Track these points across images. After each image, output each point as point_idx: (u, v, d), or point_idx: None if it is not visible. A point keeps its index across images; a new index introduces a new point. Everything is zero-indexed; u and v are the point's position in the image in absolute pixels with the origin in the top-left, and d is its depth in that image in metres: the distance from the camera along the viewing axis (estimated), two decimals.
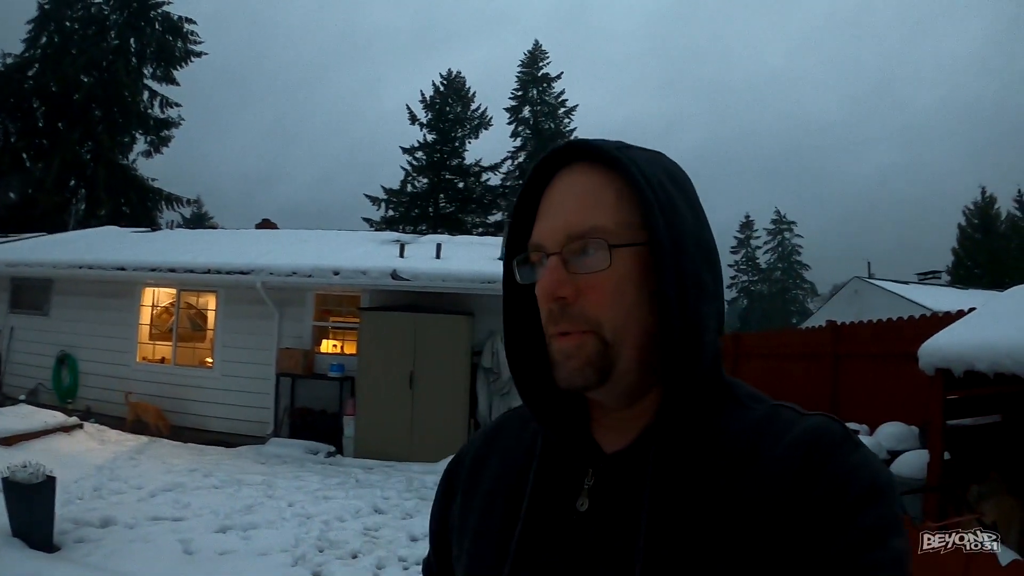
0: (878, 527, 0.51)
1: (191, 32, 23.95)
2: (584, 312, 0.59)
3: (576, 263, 0.59)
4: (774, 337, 9.76)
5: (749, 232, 48.00)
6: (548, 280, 0.59)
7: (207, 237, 12.59)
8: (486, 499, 0.68)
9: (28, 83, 21.88)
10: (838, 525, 0.51)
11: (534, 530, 0.62)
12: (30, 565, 3.87)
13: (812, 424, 0.58)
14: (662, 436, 0.60)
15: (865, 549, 0.50)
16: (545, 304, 0.61)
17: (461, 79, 30.82)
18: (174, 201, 23.89)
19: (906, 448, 5.05)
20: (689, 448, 0.59)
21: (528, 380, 0.68)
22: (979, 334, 4.00)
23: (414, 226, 27.30)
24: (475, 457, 0.74)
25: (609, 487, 0.61)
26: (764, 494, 0.54)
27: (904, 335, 6.06)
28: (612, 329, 0.59)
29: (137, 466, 6.63)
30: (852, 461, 0.54)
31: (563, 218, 0.60)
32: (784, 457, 0.55)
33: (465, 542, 0.68)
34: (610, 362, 0.59)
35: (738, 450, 0.57)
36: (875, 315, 7.74)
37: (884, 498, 0.53)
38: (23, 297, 10.30)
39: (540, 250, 0.62)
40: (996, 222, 32.53)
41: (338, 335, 9.32)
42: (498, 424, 0.77)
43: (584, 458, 0.64)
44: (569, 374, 0.60)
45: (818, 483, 0.53)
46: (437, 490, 0.78)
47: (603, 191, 0.60)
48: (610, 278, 0.59)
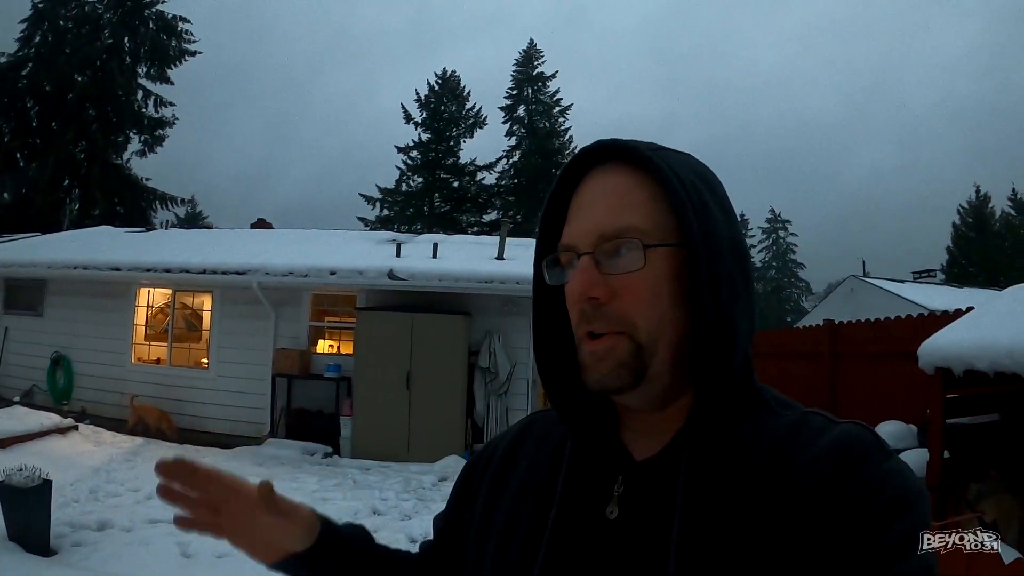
0: (909, 536, 0.51)
1: (185, 31, 23.84)
2: (618, 313, 0.58)
3: (609, 263, 0.59)
4: (771, 336, 9.78)
5: (744, 231, 47.71)
6: (581, 280, 0.59)
7: (202, 237, 12.52)
8: (514, 502, 0.67)
9: (22, 82, 21.74)
10: (870, 532, 0.50)
11: (563, 537, 0.61)
12: (26, 570, 3.85)
13: (844, 431, 0.57)
14: (694, 442, 0.59)
15: (896, 558, 0.49)
16: (576, 305, 0.60)
17: (456, 78, 30.80)
18: (168, 201, 23.79)
19: (905, 447, 5.06)
20: (721, 454, 0.58)
21: (557, 383, 0.67)
22: (979, 333, 4.01)
23: (409, 225, 27.26)
24: (503, 457, 0.72)
25: (639, 495, 0.60)
26: (796, 500, 0.53)
27: (902, 334, 6.08)
28: (646, 330, 0.58)
29: (133, 468, 6.59)
30: (884, 469, 0.54)
31: (595, 218, 0.60)
32: (816, 464, 0.54)
33: (489, 545, 0.66)
34: (643, 364, 0.58)
35: (770, 456, 0.57)
36: (870, 314, 7.76)
37: (916, 507, 0.52)
38: (17, 298, 10.23)
39: (571, 251, 0.61)
40: (991, 221, 32.74)
41: (335, 335, 9.29)
42: (526, 425, 0.76)
43: (614, 464, 0.63)
44: (601, 376, 0.59)
45: (850, 490, 0.52)
46: (456, 484, 0.77)
47: (636, 191, 0.60)
48: (644, 279, 0.58)
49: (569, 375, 0.65)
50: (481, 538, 0.68)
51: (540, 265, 0.65)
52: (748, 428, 0.59)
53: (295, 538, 0.69)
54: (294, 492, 5.93)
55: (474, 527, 0.70)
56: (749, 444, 0.58)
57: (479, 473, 0.74)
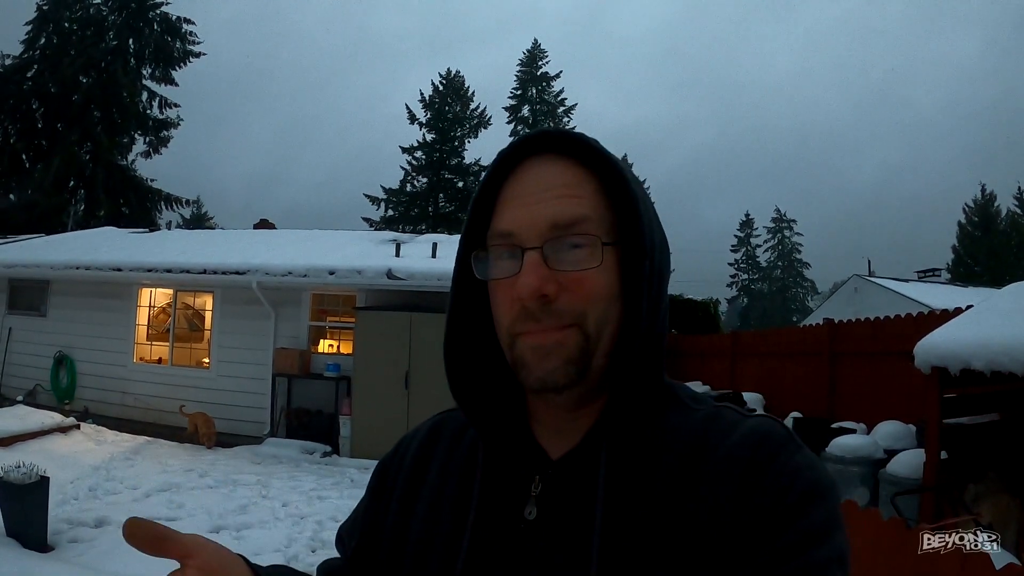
0: (823, 525, 0.51)
1: (189, 32, 23.96)
2: (567, 308, 0.56)
3: (559, 258, 0.56)
4: (772, 335, 9.74)
5: (749, 230, 47.96)
6: (534, 277, 0.56)
7: (204, 237, 12.57)
8: (429, 508, 0.65)
9: (27, 84, 21.90)
10: (785, 522, 0.51)
11: (482, 541, 0.59)
12: (23, 565, 3.86)
13: (756, 424, 0.57)
14: (612, 437, 0.58)
15: (811, 546, 0.50)
16: (519, 301, 0.57)
17: (460, 78, 30.81)
18: (173, 202, 23.89)
19: (903, 447, 5.03)
20: (638, 449, 0.58)
21: (462, 383, 0.64)
22: (976, 332, 3.98)
23: (413, 226, 27.27)
24: (415, 458, 0.70)
25: (557, 493, 0.59)
26: (713, 492, 0.53)
27: (900, 333, 6.03)
28: (595, 323, 0.57)
29: (133, 466, 6.62)
30: (796, 461, 0.54)
31: (542, 210, 0.57)
32: (731, 456, 0.55)
33: (407, 552, 0.64)
34: (589, 359, 0.57)
35: (685, 450, 0.56)
36: (875, 313, 7.71)
37: (828, 497, 0.53)
38: (21, 298, 10.30)
39: (510, 239, 0.58)
40: (996, 220, 32.55)
41: (334, 335, 9.31)
42: (436, 424, 0.73)
43: (529, 464, 0.62)
44: (546, 373, 0.57)
45: (766, 480, 0.53)
46: (370, 487, 0.73)
47: (584, 185, 0.59)
48: (596, 275, 0.57)
49: (474, 374, 0.64)
50: (396, 546, 0.65)
51: (467, 258, 0.62)
52: (662, 422, 0.59)
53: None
54: (291, 491, 5.97)
55: (387, 535, 0.67)
56: (664, 438, 0.58)
57: (392, 475, 0.71)
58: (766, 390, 8.46)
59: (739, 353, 9.82)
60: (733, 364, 9.82)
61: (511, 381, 0.63)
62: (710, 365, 10.93)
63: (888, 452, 4.99)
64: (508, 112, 31.60)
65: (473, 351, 0.65)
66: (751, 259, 47.69)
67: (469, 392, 0.64)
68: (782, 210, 47.96)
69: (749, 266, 47.60)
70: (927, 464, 4.27)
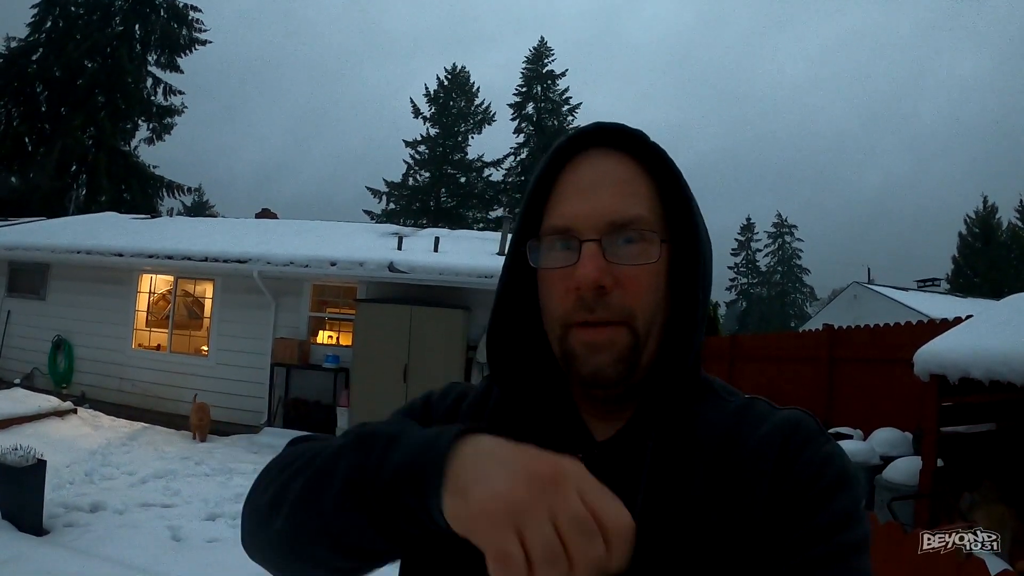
0: (848, 511, 0.55)
1: (196, 20, 23.90)
2: (620, 303, 0.58)
3: (616, 252, 0.58)
4: (771, 340, 9.74)
5: (750, 235, 47.99)
6: (591, 267, 0.57)
7: (206, 225, 12.55)
8: None
9: (31, 68, 21.86)
10: (815, 507, 0.54)
11: None
12: (18, 547, 3.87)
13: (788, 415, 0.61)
14: (657, 423, 0.61)
15: (838, 529, 0.53)
16: (578, 292, 0.57)
17: (465, 74, 30.80)
18: (175, 189, 23.88)
19: (899, 454, 5.04)
20: (680, 435, 0.60)
21: (506, 368, 0.66)
22: (975, 341, 3.99)
23: (415, 220, 27.28)
24: (465, 415, 0.68)
25: (601, 474, 0.60)
26: (747, 478, 0.56)
27: (900, 340, 6.04)
28: (644, 322, 0.59)
29: (129, 452, 6.63)
30: (826, 451, 0.58)
31: (601, 203, 0.58)
32: (763, 444, 0.58)
33: None
34: (638, 356, 0.59)
35: (720, 437, 0.59)
36: (873, 320, 7.73)
37: (853, 486, 0.56)
38: (20, 281, 10.27)
39: (568, 233, 0.59)
40: (997, 231, 32.55)
41: (334, 326, 9.30)
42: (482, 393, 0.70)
43: (572, 445, 0.62)
44: (597, 368, 0.58)
45: (796, 468, 0.56)
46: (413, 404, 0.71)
47: (640, 181, 0.61)
48: (651, 271, 0.59)
49: (520, 360, 0.65)
50: None
51: (522, 247, 0.62)
52: (699, 412, 0.62)
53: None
54: None
55: None
56: (702, 428, 0.60)
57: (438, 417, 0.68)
58: (764, 394, 8.13)
59: (737, 356, 9.81)
60: (731, 367, 9.83)
61: (552, 370, 0.65)
62: (708, 368, 10.48)
63: (884, 458, 5.01)
64: (512, 109, 31.57)
65: (516, 340, 0.66)
66: (751, 263, 47.71)
67: (511, 378, 0.66)
68: (783, 215, 48.09)
69: (749, 270, 47.62)
70: (924, 471, 4.28)
